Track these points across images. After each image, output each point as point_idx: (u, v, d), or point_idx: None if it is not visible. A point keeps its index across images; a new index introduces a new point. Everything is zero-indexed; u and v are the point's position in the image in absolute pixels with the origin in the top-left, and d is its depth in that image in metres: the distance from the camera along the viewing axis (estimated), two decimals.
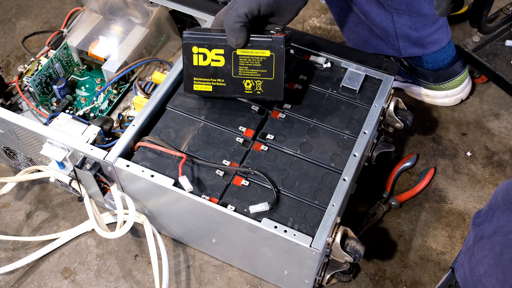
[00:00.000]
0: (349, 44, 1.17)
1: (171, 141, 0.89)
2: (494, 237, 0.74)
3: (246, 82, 0.87)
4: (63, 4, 1.42)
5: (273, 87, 0.87)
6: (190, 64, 0.87)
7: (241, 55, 0.85)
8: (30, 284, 0.97)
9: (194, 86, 0.89)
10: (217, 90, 0.88)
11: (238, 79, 0.87)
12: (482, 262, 0.76)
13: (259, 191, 0.84)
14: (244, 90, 0.87)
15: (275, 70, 0.85)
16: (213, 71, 0.87)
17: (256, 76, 0.86)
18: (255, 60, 0.85)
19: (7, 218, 1.05)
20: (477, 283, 0.77)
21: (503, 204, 0.73)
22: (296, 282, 0.89)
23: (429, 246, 1.01)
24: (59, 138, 0.87)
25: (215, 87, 0.88)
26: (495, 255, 0.73)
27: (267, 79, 0.86)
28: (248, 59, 0.85)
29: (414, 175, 1.11)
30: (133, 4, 1.06)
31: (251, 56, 0.85)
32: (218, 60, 0.86)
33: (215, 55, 0.86)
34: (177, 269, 0.99)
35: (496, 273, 0.72)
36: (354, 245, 0.81)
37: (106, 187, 0.92)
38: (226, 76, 0.87)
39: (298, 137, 0.89)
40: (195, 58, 0.87)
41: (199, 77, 0.88)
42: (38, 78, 0.99)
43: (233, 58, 0.85)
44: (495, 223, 0.75)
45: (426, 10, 1.03)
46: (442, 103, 1.19)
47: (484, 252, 0.76)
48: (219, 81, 0.87)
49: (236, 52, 0.85)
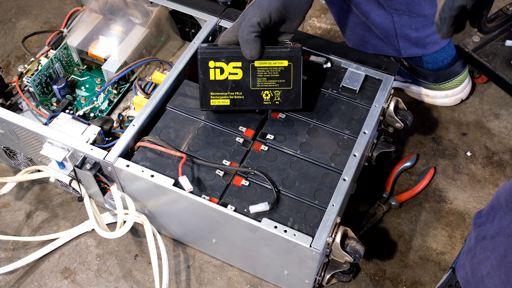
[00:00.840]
0: (349, 44, 1.17)
1: (171, 141, 0.89)
2: (497, 238, 0.74)
3: (265, 93, 0.87)
4: (63, 4, 1.42)
5: (292, 96, 0.87)
6: (207, 79, 0.87)
7: (259, 67, 0.86)
8: (30, 284, 0.97)
9: (211, 101, 0.88)
10: (235, 104, 0.88)
11: (257, 90, 0.87)
12: (484, 263, 0.76)
13: (259, 191, 0.84)
14: (263, 101, 0.88)
15: (293, 79, 0.86)
16: (231, 84, 0.87)
17: (274, 87, 0.87)
18: (274, 71, 0.86)
19: (7, 218, 1.05)
20: (479, 284, 0.77)
21: (505, 205, 0.73)
22: (296, 282, 0.89)
23: (429, 246, 1.01)
24: (59, 138, 0.87)
25: (233, 100, 0.88)
26: (499, 256, 0.72)
27: (286, 89, 0.87)
28: (266, 70, 0.86)
29: (414, 175, 1.11)
30: (133, 4, 1.06)
31: (269, 67, 0.86)
32: (236, 73, 0.86)
33: (232, 68, 0.86)
34: (177, 269, 0.99)
35: (499, 274, 0.72)
36: (354, 245, 0.81)
37: (106, 187, 0.92)
38: (244, 88, 0.87)
39: (298, 137, 0.89)
40: (212, 73, 0.86)
41: (216, 91, 0.87)
42: (38, 78, 0.99)
43: (251, 70, 0.86)
44: (497, 223, 0.75)
45: (426, 11, 1.03)
46: (442, 103, 1.19)
47: (486, 253, 0.76)
48: (237, 94, 0.87)
49: (254, 64, 0.85)
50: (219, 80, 0.87)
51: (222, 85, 0.87)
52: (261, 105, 0.88)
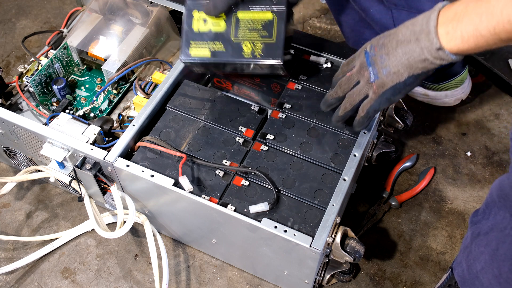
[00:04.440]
0: (349, 43, 1.16)
1: (171, 141, 0.89)
2: (490, 234, 0.74)
3: (245, 44, 0.84)
4: (63, 4, 1.42)
5: (273, 49, 0.84)
6: (190, 29, 0.86)
7: (242, 19, 0.84)
8: (30, 284, 0.97)
9: (191, 50, 0.86)
10: (215, 55, 0.86)
11: (237, 42, 0.85)
12: (478, 258, 0.76)
13: (259, 191, 0.84)
14: (242, 52, 0.85)
15: (276, 32, 0.83)
16: (212, 35, 0.85)
17: (256, 39, 0.84)
18: (256, 23, 0.83)
19: (7, 218, 1.05)
20: (474, 280, 0.77)
21: (498, 200, 0.73)
22: (296, 282, 0.89)
23: (429, 246, 1.01)
24: (59, 138, 0.87)
25: (214, 52, 0.86)
26: (491, 251, 0.73)
27: (268, 42, 0.84)
28: (249, 22, 0.83)
29: (414, 175, 1.11)
30: (133, 4, 1.06)
31: (252, 19, 0.83)
32: (218, 24, 0.84)
33: (215, 19, 0.84)
34: (177, 269, 0.99)
35: (492, 268, 0.72)
36: (354, 245, 0.81)
37: (106, 187, 0.92)
38: (225, 40, 0.85)
39: (298, 137, 0.89)
40: (195, 24, 0.85)
41: (197, 40, 0.85)
42: (38, 78, 0.99)
43: (234, 21, 0.84)
44: (491, 220, 0.75)
45: (425, 6, 1.02)
46: (442, 103, 1.19)
47: (480, 249, 0.76)
48: (217, 45, 0.85)
49: (237, 15, 0.83)
50: (201, 32, 0.85)
51: (203, 37, 0.85)
52: (241, 57, 0.85)
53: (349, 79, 0.77)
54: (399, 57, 0.68)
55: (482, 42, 0.61)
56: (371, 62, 0.72)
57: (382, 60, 0.70)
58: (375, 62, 0.72)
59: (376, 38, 0.73)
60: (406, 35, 0.67)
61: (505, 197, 0.71)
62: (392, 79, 0.70)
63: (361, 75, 0.75)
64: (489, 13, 0.58)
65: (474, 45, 0.61)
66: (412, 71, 0.69)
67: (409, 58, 0.67)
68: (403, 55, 0.68)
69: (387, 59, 0.70)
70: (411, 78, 0.70)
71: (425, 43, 0.65)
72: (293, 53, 0.98)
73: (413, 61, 0.67)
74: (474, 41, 0.61)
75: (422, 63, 0.67)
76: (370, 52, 0.73)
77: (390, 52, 0.69)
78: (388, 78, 0.71)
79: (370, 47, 0.73)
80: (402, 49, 0.68)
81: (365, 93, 0.75)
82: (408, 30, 0.67)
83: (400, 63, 0.69)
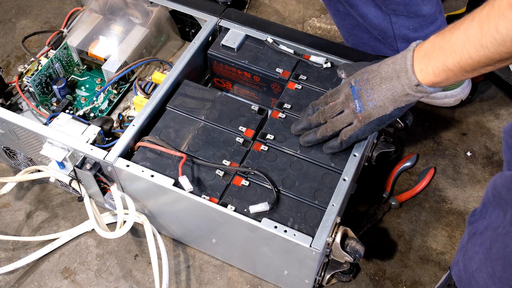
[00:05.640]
0: (348, 44, 1.16)
1: (171, 141, 0.89)
2: (485, 233, 0.75)
3: None
4: (63, 4, 1.42)
5: None
6: None
7: None
8: (30, 284, 0.97)
9: None
10: None
11: None
12: (474, 258, 0.76)
13: (259, 191, 0.84)
14: None
15: None
16: None
17: None
18: None
19: (7, 218, 1.05)
20: (470, 279, 0.78)
21: (493, 199, 0.74)
22: (296, 282, 0.89)
23: (429, 246, 1.01)
24: (59, 138, 0.87)
25: None
26: (485, 250, 0.73)
27: None
28: None
29: (414, 175, 1.11)
30: (133, 4, 1.06)
31: None
32: None
33: None
34: (177, 269, 0.99)
35: (486, 267, 0.73)
36: (354, 245, 0.81)
37: (106, 187, 0.92)
38: None
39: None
40: None
41: None
42: (38, 78, 0.99)
43: None
44: (487, 219, 0.76)
45: (424, 11, 1.03)
46: (442, 104, 1.19)
47: (475, 248, 0.76)
48: None
49: None
50: None
51: None
52: None
53: (332, 107, 0.81)
54: (384, 92, 0.74)
55: (451, 75, 0.67)
56: (357, 96, 0.77)
57: (368, 94, 0.76)
58: (361, 95, 0.77)
59: (359, 73, 0.79)
60: (388, 73, 0.73)
61: (498, 195, 0.72)
62: (378, 111, 0.76)
63: (346, 106, 0.79)
64: (452, 51, 0.65)
65: (445, 78, 0.68)
66: (397, 104, 0.74)
67: (393, 93, 0.73)
68: (387, 91, 0.74)
69: (372, 93, 0.75)
70: (396, 111, 0.75)
71: (405, 80, 0.71)
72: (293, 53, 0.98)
73: (397, 95, 0.73)
74: (444, 75, 0.68)
75: (405, 97, 0.73)
76: (355, 86, 0.78)
77: (375, 88, 0.75)
78: (374, 111, 0.76)
79: (355, 81, 0.78)
80: (386, 85, 0.74)
81: (349, 121, 0.80)
82: (389, 68, 0.74)
83: (385, 97, 0.74)
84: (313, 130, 0.85)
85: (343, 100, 0.80)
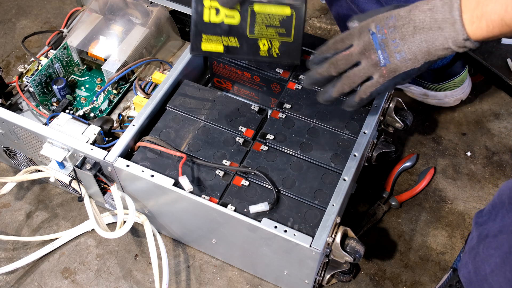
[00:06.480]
0: None
1: (171, 141, 0.89)
2: (500, 236, 0.74)
3: (262, 42, 0.79)
4: (63, 4, 1.42)
5: (291, 49, 0.80)
6: (200, 19, 0.78)
7: (259, 12, 0.78)
8: (30, 284, 0.97)
9: (203, 45, 0.79)
10: (228, 51, 0.80)
11: (254, 39, 0.80)
12: (488, 261, 0.75)
13: (259, 191, 0.84)
14: (259, 51, 0.80)
15: (294, 30, 0.79)
16: (226, 28, 0.78)
17: (273, 37, 0.79)
18: (274, 19, 0.78)
19: (7, 218, 1.05)
20: (482, 282, 0.77)
21: (508, 202, 0.72)
22: (296, 282, 0.89)
23: (429, 246, 1.01)
24: (59, 138, 0.87)
25: (227, 47, 0.80)
26: (503, 254, 0.72)
27: (285, 41, 0.80)
28: (266, 17, 0.78)
29: (414, 175, 1.11)
30: (133, 4, 1.06)
31: (269, 14, 0.78)
32: (232, 16, 0.78)
33: (229, 10, 0.77)
34: (177, 269, 0.99)
35: (504, 271, 0.72)
36: (354, 245, 0.81)
37: (106, 187, 0.92)
38: (240, 35, 0.79)
39: (298, 137, 0.89)
40: (206, 13, 0.77)
41: (209, 34, 0.79)
42: (38, 78, 0.99)
43: (249, 14, 0.78)
44: (500, 222, 0.75)
45: None
46: (441, 104, 1.19)
47: (490, 251, 0.75)
48: (231, 41, 0.80)
49: (253, 8, 0.77)
50: (213, 23, 0.78)
51: (216, 29, 0.78)
52: (257, 55, 0.80)
53: (347, 59, 0.71)
54: (417, 44, 0.65)
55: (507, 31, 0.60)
56: (380, 45, 0.68)
57: (395, 45, 0.66)
58: (386, 45, 0.67)
59: (381, 18, 0.68)
60: (425, 22, 0.64)
61: None
62: (407, 65, 0.67)
63: (365, 57, 0.70)
64: None
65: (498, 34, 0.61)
66: (429, 57, 0.66)
67: (430, 46, 0.65)
68: (423, 43, 0.65)
69: (401, 44, 0.66)
70: (426, 64, 0.67)
71: (450, 33, 0.63)
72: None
73: (434, 49, 0.65)
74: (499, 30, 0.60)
75: (443, 51, 0.65)
76: (377, 33, 0.68)
77: (407, 38, 0.66)
78: (402, 64, 0.68)
79: (377, 28, 0.68)
80: (422, 36, 0.65)
81: (368, 75, 0.71)
82: (426, 16, 0.64)
83: (417, 50, 0.66)
84: (329, 86, 0.76)
85: (361, 50, 0.70)
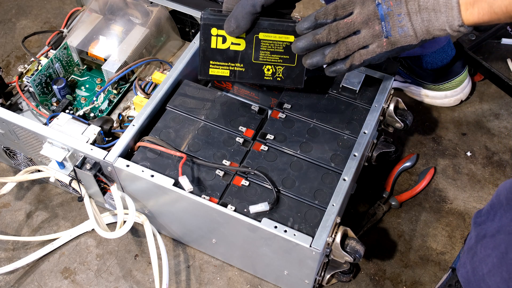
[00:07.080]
0: None
1: (171, 141, 0.89)
2: (497, 236, 0.74)
3: (267, 68, 0.84)
4: (63, 4, 1.42)
5: (294, 74, 0.85)
6: (208, 46, 0.83)
7: (264, 39, 0.82)
8: (30, 284, 0.97)
9: (210, 70, 0.85)
10: (234, 75, 0.85)
11: (258, 64, 0.84)
12: (485, 261, 0.75)
13: (259, 191, 0.84)
14: (264, 76, 0.85)
15: (298, 56, 0.84)
16: (232, 55, 0.84)
17: (277, 62, 0.84)
18: (278, 46, 0.83)
19: (7, 218, 1.05)
20: (480, 282, 0.77)
21: (506, 203, 0.73)
22: (296, 282, 0.89)
23: (429, 246, 1.01)
24: (59, 138, 0.87)
25: (233, 72, 0.85)
26: (500, 254, 0.72)
27: (289, 66, 0.84)
28: (270, 44, 0.83)
29: (414, 175, 1.11)
30: (133, 4, 1.06)
31: (274, 41, 0.82)
32: (238, 43, 0.83)
33: (236, 38, 0.83)
34: (177, 269, 0.99)
35: (500, 271, 0.72)
36: (354, 245, 0.81)
37: (106, 187, 0.92)
38: (245, 60, 0.84)
39: (298, 137, 0.89)
40: (214, 41, 0.83)
41: (216, 60, 0.84)
42: (38, 78, 0.99)
43: (254, 42, 0.83)
44: (498, 222, 0.75)
45: None
46: (441, 104, 1.19)
47: (487, 251, 0.75)
48: (237, 66, 0.85)
49: (258, 36, 0.82)
50: (220, 49, 0.84)
51: (223, 55, 0.84)
52: (262, 79, 0.86)
53: (349, 26, 0.71)
54: (419, 22, 0.68)
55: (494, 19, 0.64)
56: (384, 17, 0.69)
57: (399, 19, 0.68)
58: (390, 18, 0.69)
59: None
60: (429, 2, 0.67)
61: None
62: (406, 40, 0.69)
63: (368, 27, 0.70)
64: None
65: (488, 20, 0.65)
66: (427, 37, 0.69)
67: (429, 26, 0.68)
68: (425, 21, 0.68)
69: (406, 20, 0.68)
70: (421, 42, 0.70)
71: (448, 17, 0.66)
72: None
73: (432, 29, 0.68)
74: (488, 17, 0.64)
75: (439, 32, 0.68)
76: (383, 5, 0.69)
77: (411, 15, 0.68)
78: (402, 39, 0.70)
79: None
80: (424, 15, 0.67)
81: (366, 44, 0.72)
82: None
83: (419, 28, 0.68)
84: (320, 51, 0.75)
85: (364, 19, 0.70)
